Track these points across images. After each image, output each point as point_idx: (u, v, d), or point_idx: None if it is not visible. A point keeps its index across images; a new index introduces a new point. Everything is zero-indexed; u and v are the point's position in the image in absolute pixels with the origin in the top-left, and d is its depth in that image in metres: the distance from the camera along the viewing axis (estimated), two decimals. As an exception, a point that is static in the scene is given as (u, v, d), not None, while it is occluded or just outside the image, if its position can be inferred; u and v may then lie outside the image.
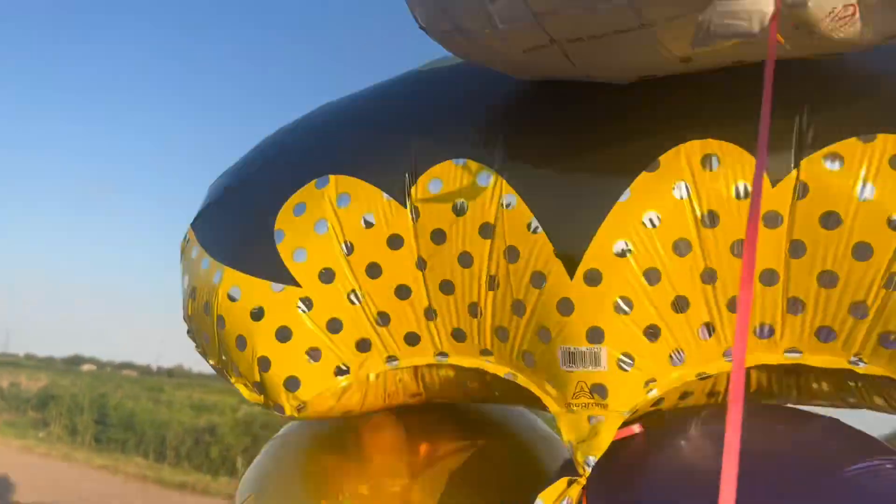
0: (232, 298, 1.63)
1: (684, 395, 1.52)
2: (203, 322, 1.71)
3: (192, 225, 1.84)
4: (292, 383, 1.59)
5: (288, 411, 1.63)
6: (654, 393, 1.43)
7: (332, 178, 1.63)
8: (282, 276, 1.60)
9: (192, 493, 11.26)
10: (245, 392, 1.67)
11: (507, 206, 1.49)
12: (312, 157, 1.72)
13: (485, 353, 1.57)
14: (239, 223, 1.73)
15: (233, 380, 1.70)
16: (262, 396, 1.65)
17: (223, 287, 1.64)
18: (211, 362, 1.79)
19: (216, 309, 1.65)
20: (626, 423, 1.47)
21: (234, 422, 17.13)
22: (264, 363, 1.60)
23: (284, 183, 1.69)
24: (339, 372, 1.62)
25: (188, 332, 1.84)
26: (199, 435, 15.59)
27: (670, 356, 1.42)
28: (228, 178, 1.87)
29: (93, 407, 18.62)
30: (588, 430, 1.40)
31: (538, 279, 1.46)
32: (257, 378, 1.62)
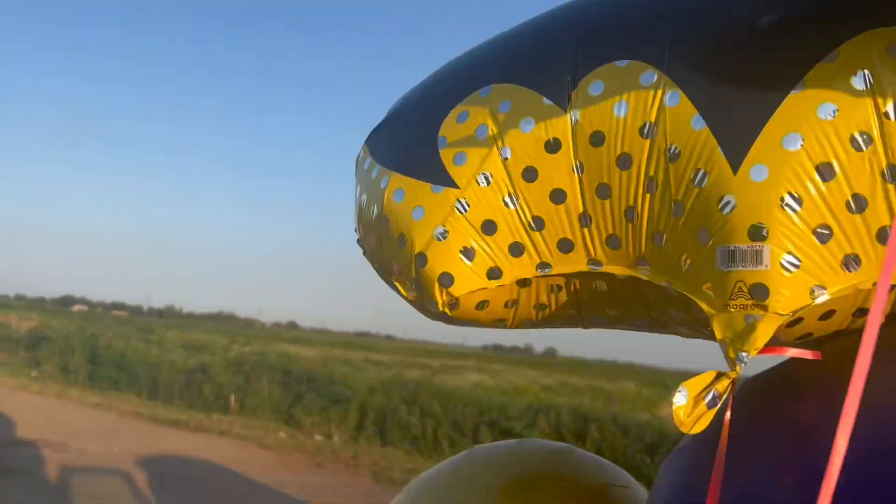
0: (396, 200, 1.72)
1: (827, 315, 1.36)
2: (370, 226, 1.83)
3: (367, 141, 1.95)
4: (446, 279, 1.64)
5: (440, 306, 1.68)
6: (824, 299, 1.31)
7: (494, 86, 1.68)
8: (442, 178, 1.66)
9: (187, 430, 11.38)
10: (402, 290, 1.77)
11: (670, 103, 1.44)
12: (478, 69, 1.78)
13: (640, 262, 1.53)
14: (408, 133, 1.83)
15: (392, 279, 1.81)
16: (418, 294, 1.72)
17: (389, 190, 1.74)
18: (375, 266, 1.91)
19: (382, 211, 1.75)
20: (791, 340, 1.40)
21: (226, 361, 17.30)
22: (421, 260, 1.66)
23: (451, 95, 1.76)
24: (492, 275, 1.64)
25: (357, 240, 1.96)
26: (191, 374, 15.74)
27: (843, 261, 1.31)
28: (402, 99, 1.96)
29: (84, 347, 18.79)
30: (743, 327, 1.32)
31: (700, 177, 1.39)
32: (414, 274, 1.69)
